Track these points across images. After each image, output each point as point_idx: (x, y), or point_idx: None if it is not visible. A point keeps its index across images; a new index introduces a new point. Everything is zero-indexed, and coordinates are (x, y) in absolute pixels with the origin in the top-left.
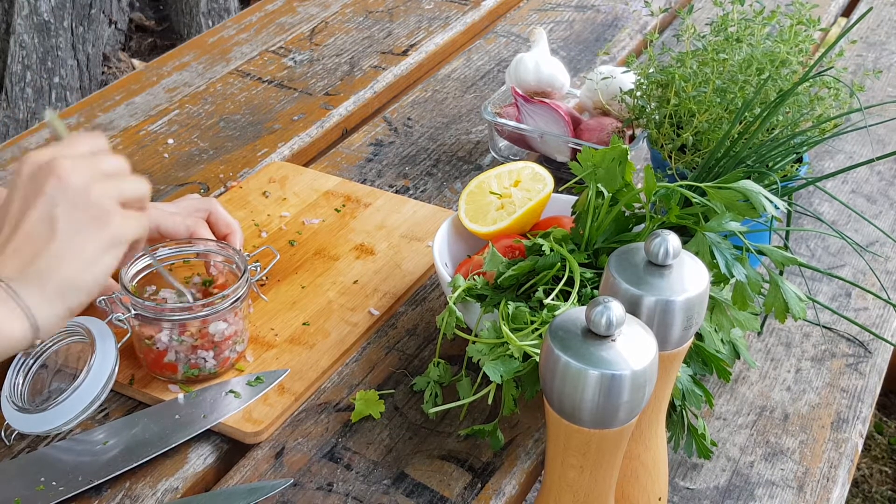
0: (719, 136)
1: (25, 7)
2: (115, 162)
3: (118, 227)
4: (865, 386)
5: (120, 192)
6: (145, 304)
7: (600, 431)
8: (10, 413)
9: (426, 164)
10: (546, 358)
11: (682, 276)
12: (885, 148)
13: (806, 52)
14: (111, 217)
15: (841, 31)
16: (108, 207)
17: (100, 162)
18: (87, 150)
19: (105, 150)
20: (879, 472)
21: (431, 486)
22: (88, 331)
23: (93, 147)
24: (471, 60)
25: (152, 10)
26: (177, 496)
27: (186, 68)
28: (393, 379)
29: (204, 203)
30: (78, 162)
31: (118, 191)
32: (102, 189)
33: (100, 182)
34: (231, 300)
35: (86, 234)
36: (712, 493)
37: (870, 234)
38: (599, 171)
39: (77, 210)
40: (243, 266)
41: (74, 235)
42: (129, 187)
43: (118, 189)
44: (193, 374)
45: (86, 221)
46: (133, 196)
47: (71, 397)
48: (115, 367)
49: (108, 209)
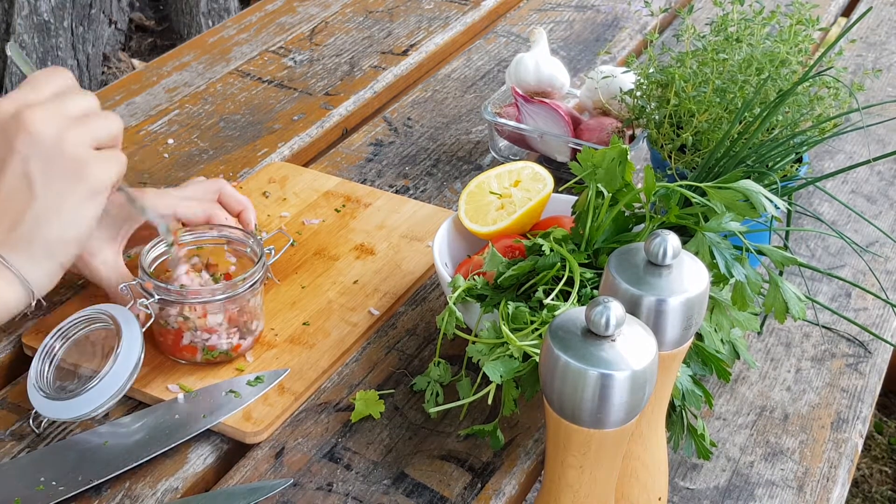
0: (719, 136)
1: (25, 7)
2: (82, 102)
3: (96, 176)
4: (865, 386)
5: (93, 136)
6: (168, 288)
7: (600, 431)
8: (37, 400)
9: (426, 164)
10: (546, 358)
11: (681, 277)
12: (885, 148)
13: (806, 52)
14: (87, 166)
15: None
16: (83, 156)
17: (68, 105)
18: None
19: (71, 87)
20: (879, 472)
21: (431, 486)
22: (113, 317)
23: (58, 86)
24: (471, 60)
25: (152, 10)
26: (177, 496)
27: (186, 68)
28: (393, 379)
29: (213, 184)
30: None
31: (91, 135)
32: (75, 137)
33: (71, 129)
34: (250, 283)
35: (64, 189)
36: (712, 493)
37: (870, 234)
38: (599, 171)
39: (52, 165)
40: (259, 250)
41: (53, 192)
42: (100, 128)
43: (90, 133)
44: (212, 355)
45: (62, 175)
46: (106, 136)
47: (99, 384)
48: (141, 353)
49: (83, 158)
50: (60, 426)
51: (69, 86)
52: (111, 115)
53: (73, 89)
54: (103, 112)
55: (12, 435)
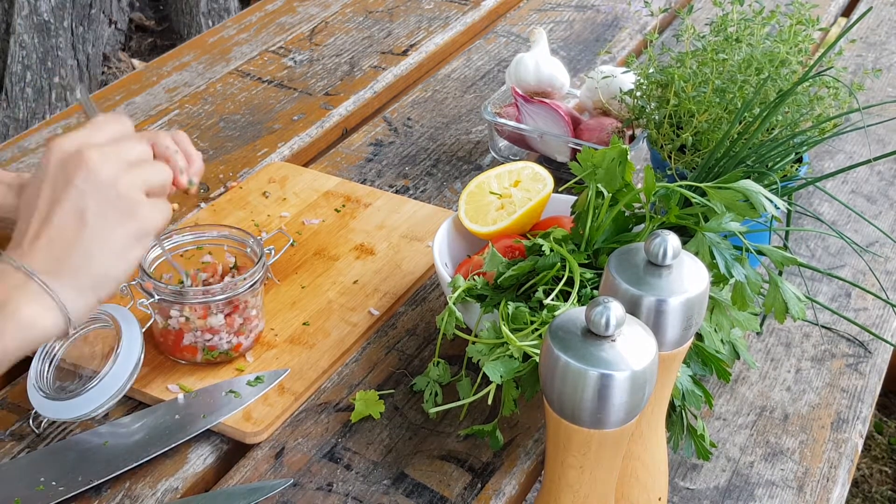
0: (719, 136)
1: (25, 7)
2: (139, 148)
3: (146, 219)
4: (865, 386)
5: (145, 182)
6: (168, 288)
7: (600, 431)
8: (37, 400)
9: (426, 164)
10: (546, 358)
11: (681, 277)
12: (885, 148)
13: (805, 52)
14: (139, 209)
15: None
16: (136, 199)
17: (126, 150)
18: (113, 136)
19: (130, 134)
20: (879, 472)
21: (431, 487)
22: (113, 317)
23: (118, 132)
24: (471, 60)
25: (152, 10)
26: (177, 496)
27: (186, 68)
28: (393, 379)
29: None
30: (106, 152)
31: (143, 180)
32: (130, 180)
33: (127, 173)
34: (250, 283)
35: (115, 228)
36: (712, 494)
37: (870, 234)
38: (599, 171)
39: (107, 203)
40: (259, 250)
41: (104, 229)
42: (153, 175)
43: (143, 178)
44: (212, 356)
45: (115, 215)
46: (157, 183)
47: (99, 384)
48: (141, 353)
49: (136, 201)
50: (60, 426)
51: (128, 132)
52: (163, 165)
53: (132, 136)
54: (156, 161)
55: (12, 435)
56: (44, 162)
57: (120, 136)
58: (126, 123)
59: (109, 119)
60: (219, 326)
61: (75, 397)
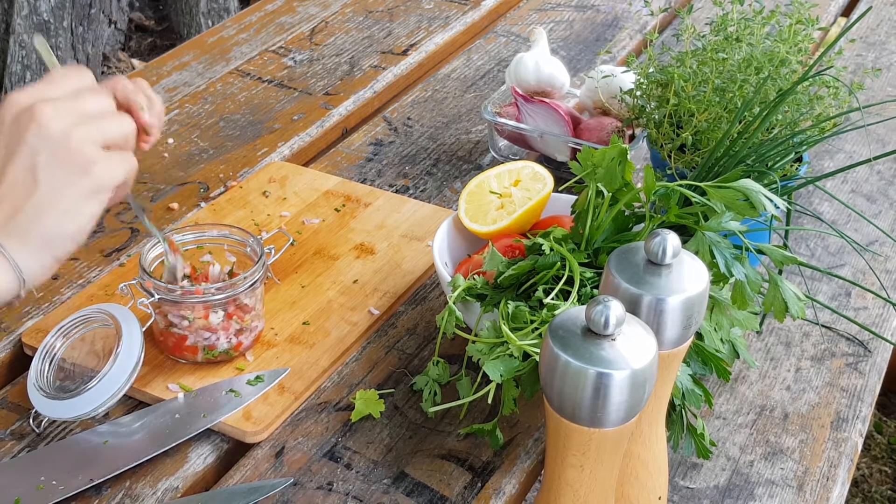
0: (719, 135)
1: (25, 7)
2: (98, 101)
3: (100, 175)
4: (865, 385)
5: (102, 135)
6: (168, 287)
7: (600, 431)
8: (38, 400)
9: (426, 163)
10: (546, 357)
11: (681, 276)
12: (885, 147)
13: (805, 52)
14: (93, 164)
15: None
16: (89, 154)
17: (82, 102)
18: (71, 89)
19: (90, 87)
20: (879, 472)
21: (431, 486)
22: (113, 317)
23: (77, 84)
24: (471, 60)
25: (152, 10)
26: (177, 495)
27: (186, 68)
28: (393, 378)
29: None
30: (59, 106)
31: (101, 134)
32: (84, 134)
33: (81, 126)
34: (250, 282)
35: (67, 184)
36: (712, 493)
37: (869, 233)
38: (599, 170)
39: (58, 159)
40: (259, 250)
41: (55, 186)
42: (111, 129)
43: (100, 132)
44: (213, 355)
45: (67, 171)
46: (118, 136)
47: (99, 384)
48: (141, 352)
49: (89, 156)
50: (60, 426)
51: (88, 84)
52: (125, 117)
53: (91, 88)
54: (118, 113)
55: (12, 434)
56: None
57: (78, 88)
58: (86, 75)
59: (68, 71)
60: (219, 326)
61: (75, 397)
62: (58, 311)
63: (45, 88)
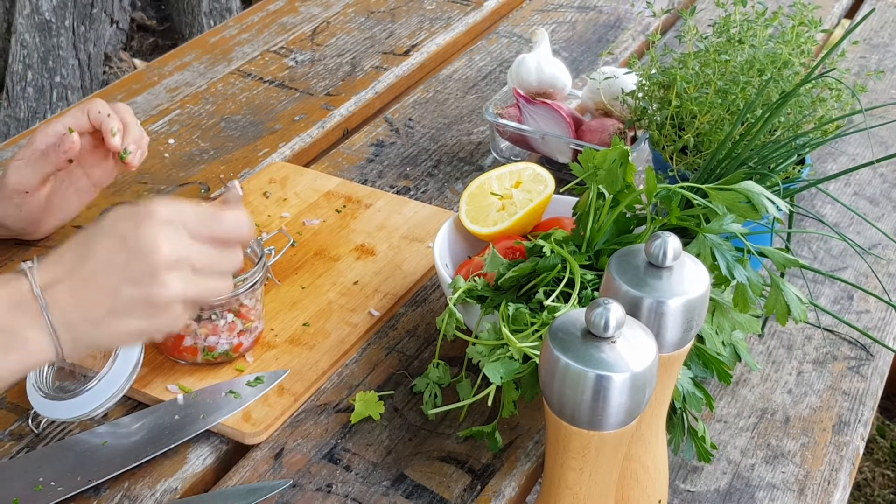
0: (721, 137)
1: (27, 6)
2: (222, 263)
3: (163, 325)
4: (867, 389)
5: (185, 294)
6: None
7: (599, 433)
8: (37, 400)
9: (427, 164)
10: (546, 359)
11: (682, 278)
12: (888, 150)
13: (808, 54)
14: (164, 318)
15: (844, 32)
16: (168, 310)
17: (206, 258)
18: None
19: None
20: (882, 476)
21: (431, 488)
22: None
23: (216, 232)
24: (472, 61)
25: (154, 10)
26: (176, 497)
27: (188, 68)
28: (393, 380)
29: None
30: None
31: (184, 291)
32: (179, 293)
33: (182, 285)
34: (250, 283)
35: (132, 319)
36: (713, 496)
37: (872, 236)
38: (601, 172)
39: (142, 299)
40: (259, 251)
41: (122, 315)
42: (203, 293)
43: (185, 289)
44: (212, 356)
45: (141, 310)
46: (204, 301)
47: (99, 384)
48: (140, 354)
49: (167, 312)
50: (59, 426)
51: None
52: (224, 280)
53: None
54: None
55: (11, 435)
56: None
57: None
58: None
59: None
60: (219, 327)
61: (74, 397)
62: None
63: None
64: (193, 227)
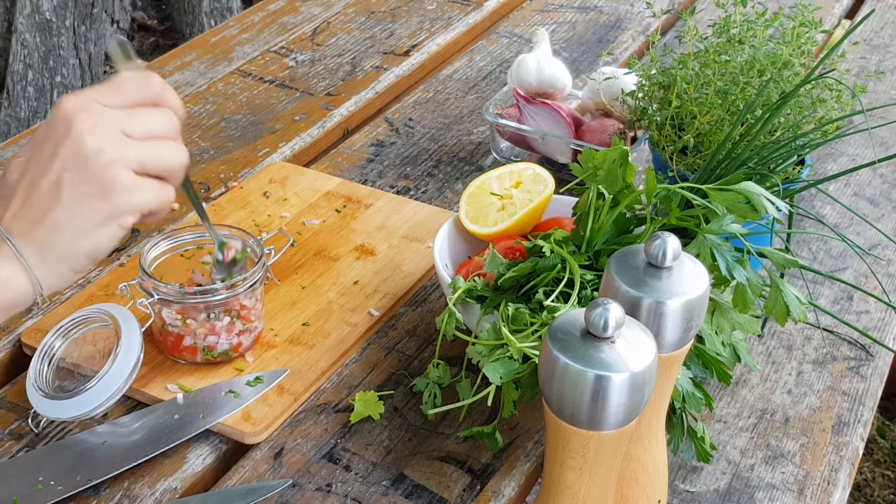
0: (721, 137)
1: (27, 6)
2: (150, 122)
3: (123, 201)
4: (867, 389)
5: (139, 160)
6: (168, 288)
7: (599, 433)
8: (36, 400)
9: (427, 164)
10: (545, 359)
11: (681, 279)
12: (888, 150)
13: (808, 54)
14: (117, 190)
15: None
16: (116, 178)
17: (132, 121)
18: (129, 101)
19: (151, 101)
20: (882, 476)
21: (430, 488)
22: (112, 317)
23: (137, 97)
24: (473, 61)
25: (154, 10)
26: (175, 496)
27: (188, 68)
28: (392, 380)
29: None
30: (101, 119)
31: (137, 158)
32: (117, 155)
33: (117, 147)
34: (250, 283)
35: (88, 205)
36: (712, 497)
37: (872, 237)
38: (600, 172)
39: (84, 177)
40: (259, 250)
41: (77, 204)
42: (152, 155)
43: (137, 157)
44: (212, 356)
45: (90, 192)
46: (158, 166)
47: (99, 384)
48: (140, 353)
49: (115, 180)
50: (59, 426)
51: (149, 98)
52: (175, 147)
53: (152, 103)
54: (169, 141)
55: (11, 434)
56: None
57: (136, 102)
58: (153, 87)
59: (132, 79)
60: (218, 327)
61: (74, 397)
62: (57, 310)
63: (102, 95)
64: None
